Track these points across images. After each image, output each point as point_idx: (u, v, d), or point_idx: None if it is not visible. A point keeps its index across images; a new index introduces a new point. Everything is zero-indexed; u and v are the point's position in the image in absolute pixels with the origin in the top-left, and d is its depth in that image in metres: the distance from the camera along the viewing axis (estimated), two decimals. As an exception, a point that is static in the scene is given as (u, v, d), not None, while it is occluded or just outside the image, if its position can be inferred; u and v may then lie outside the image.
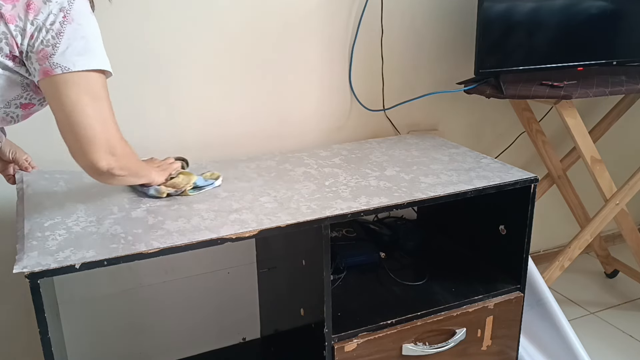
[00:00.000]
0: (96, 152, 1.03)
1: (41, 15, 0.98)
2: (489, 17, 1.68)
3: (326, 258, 1.22)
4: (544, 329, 1.66)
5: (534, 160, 2.18)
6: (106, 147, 1.04)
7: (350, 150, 1.66)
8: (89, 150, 1.03)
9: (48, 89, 1.01)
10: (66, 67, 0.99)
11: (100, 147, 1.04)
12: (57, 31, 0.98)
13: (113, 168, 1.07)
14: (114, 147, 1.06)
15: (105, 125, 1.04)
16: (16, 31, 0.98)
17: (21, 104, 1.09)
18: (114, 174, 1.08)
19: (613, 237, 2.52)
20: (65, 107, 1.01)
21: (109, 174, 1.08)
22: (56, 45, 0.98)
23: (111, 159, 1.06)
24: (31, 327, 1.09)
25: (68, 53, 0.99)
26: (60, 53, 0.99)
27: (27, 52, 0.99)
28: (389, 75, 1.84)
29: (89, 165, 1.05)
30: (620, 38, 1.86)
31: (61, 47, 0.99)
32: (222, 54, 1.62)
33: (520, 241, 1.45)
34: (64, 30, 0.99)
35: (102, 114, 1.04)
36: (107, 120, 1.05)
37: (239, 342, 1.81)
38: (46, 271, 0.99)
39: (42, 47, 0.98)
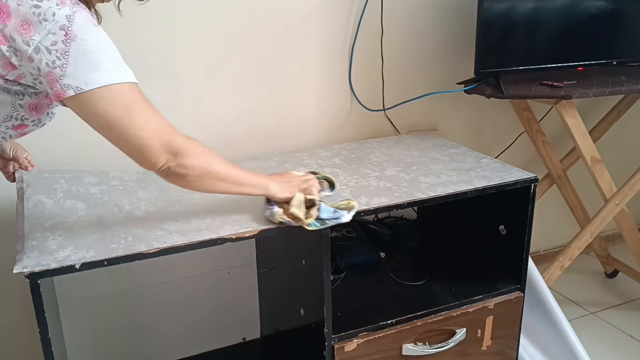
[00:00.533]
0: (152, 157, 1.01)
1: (37, 36, 0.92)
2: (489, 17, 1.68)
3: (326, 258, 1.22)
4: (544, 329, 1.66)
5: (534, 160, 2.18)
6: (161, 147, 1.01)
7: (350, 150, 1.66)
8: (145, 157, 1.01)
9: (75, 110, 0.98)
10: (78, 88, 0.94)
11: (154, 149, 1.00)
12: (61, 51, 0.92)
13: (173, 166, 1.02)
14: (169, 143, 1.01)
15: (151, 128, 1.00)
16: (9, 52, 0.93)
17: (13, 126, 1.04)
18: (178, 173, 1.03)
19: (613, 237, 2.52)
20: (102, 125, 0.98)
21: (174, 174, 1.04)
22: (64, 67, 0.93)
23: (169, 157, 1.02)
24: (31, 327, 1.09)
25: (78, 72, 0.94)
26: (69, 74, 0.93)
27: (35, 75, 0.95)
28: (389, 75, 1.84)
29: (154, 170, 1.03)
30: (620, 38, 1.86)
31: (69, 67, 0.93)
32: (222, 54, 1.62)
33: (520, 241, 1.45)
34: (69, 50, 0.93)
35: (142, 119, 0.99)
36: (151, 122, 1.00)
37: (239, 342, 1.81)
38: (46, 271, 0.99)
39: (48, 69, 0.93)
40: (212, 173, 1.08)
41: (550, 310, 1.64)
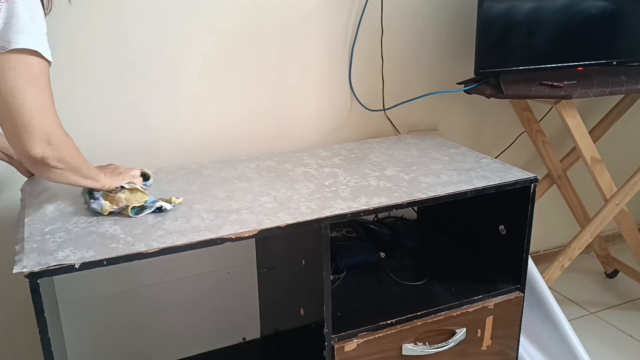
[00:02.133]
0: (31, 139, 0.99)
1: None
2: (489, 17, 1.68)
3: (326, 258, 1.22)
4: (544, 329, 1.66)
5: (534, 160, 2.18)
6: (42, 135, 1.00)
7: (350, 150, 1.66)
8: (24, 137, 0.99)
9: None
10: (2, 47, 0.94)
11: (36, 135, 0.99)
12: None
13: (48, 158, 1.02)
14: (50, 135, 1.01)
15: (43, 113, 1.00)
16: None
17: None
18: (49, 164, 1.04)
19: (613, 237, 2.52)
20: (1, 92, 0.96)
21: (43, 164, 1.03)
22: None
23: (46, 147, 1.01)
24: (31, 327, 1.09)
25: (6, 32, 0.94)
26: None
27: None
28: (389, 75, 1.84)
29: (24, 153, 1.01)
30: (620, 38, 1.86)
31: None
32: (223, 55, 1.62)
33: (520, 241, 1.45)
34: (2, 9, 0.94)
35: (41, 102, 1.00)
36: (45, 108, 1.01)
37: (239, 342, 1.81)
38: (46, 271, 0.99)
39: None
40: (73, 167, 1.10)
41: (550, 310, 1.64)
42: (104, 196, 1.21)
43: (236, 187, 1.37)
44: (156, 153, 1.61)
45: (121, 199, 1.21)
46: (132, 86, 1.54)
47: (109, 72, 1.51)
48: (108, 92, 1.53)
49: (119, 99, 1.54)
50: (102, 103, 1.52)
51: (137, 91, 1.55)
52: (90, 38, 1.47)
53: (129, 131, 1.57)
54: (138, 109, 1.57)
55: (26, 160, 1.03)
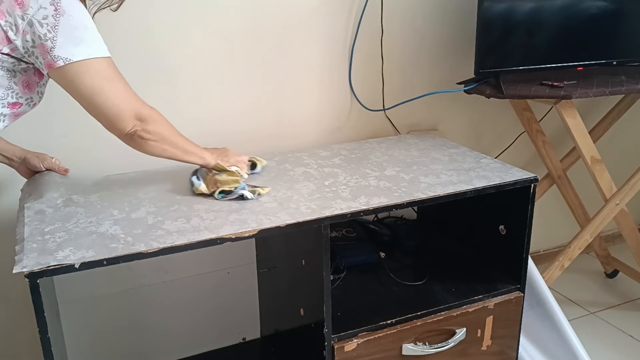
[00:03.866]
0: (123, 122, 1.13)
1: (31, 10, 1.02)
2: (489, 17, 1.68)
3: (326, 258, 1.22)
4: (544, 329, 1.66)
5: (534, 160, 2.18)
6: (131, 114, 1.14)
7: (350, 150, 1.66)
8: (118, 123, 1.13)
9: (61, 80, 1.09)
10: (67, 59, 1.05)
11: (126, 116, 1.13)
12: (51, 25, 1.03)
13: (139, 131, 1.15)
14: (138, 112, 1.14)
15: (126, 99, 1.13)
16: (7, 26, 1.03)
17: (9, 104, 1.12)
18: (142, 136, 1.16)
19: (613, 237, 2.52)
20: (84, 94, 1.09)
21: (138, 137, 1.16)
22: (54, 39, 1.04)
23: (137, 122, 1.15)
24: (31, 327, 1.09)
25: (66, 45, 1.05)
26: (59, 46, 1.04)
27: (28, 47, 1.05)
28: (389, 75, 1.84)
29: (121, 135, 1.15)
30: (620, 38, 1.86)
31: (59, 40, 1.04)
32: (223, 55, 1.62)
33: (520, 241, 1.45)
34: (58, 24, 1.04)
35: (120, 91, 1.12)
36: (125, 94, 1.13)
37: (239, 342, 1.81)
38: (46, 271, 0.99)
39: (40, 41, 1.04)
40: (167, 139, 1.22)
41: (550, 310, 1.64)
42: (204, 176, 1.30)
43: (236, 187, 1.37)
44: (156, 153, 1.61)
45: (218, 181, 1.28)
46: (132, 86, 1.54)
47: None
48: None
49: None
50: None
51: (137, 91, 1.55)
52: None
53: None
54: (138, 109, 1.57)
55: (125, 140, 1.17)
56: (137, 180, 1.42)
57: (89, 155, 1.53)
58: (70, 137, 1.51)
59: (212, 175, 1.30)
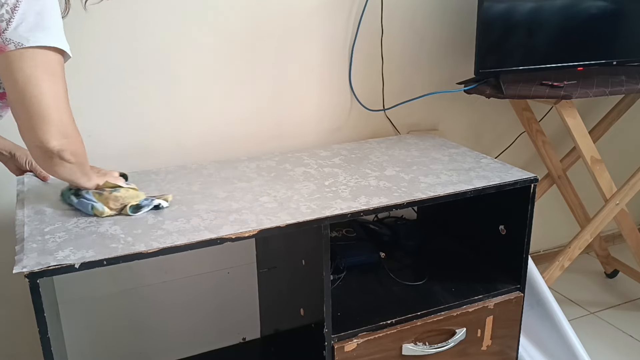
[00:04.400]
0: (48, 131, 0.98)
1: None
2: (489, 17, 1.68)
3: (326, 258, 1.22)
4: (544, 329, 1.66)
5: (534, 160, 2.18)
6: (59, 127, 1.00)
7: (350, 150, 1.66)
8: (42, 128, 0.98)
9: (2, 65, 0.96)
10: (19, 43, 0.94)
11: (54, 126, 0.99)
12: (12, 5, 0.93)
13: (64, 151, 1.02)
14: (66, 128, 1.01)
15: (60, 105, 1.00)
16: None
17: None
18: (63, 157, 1.03)
19: (613, 237, 2.52)
20: (18, 82, 0.96)
21: (58, 158, 1.03)
22: (10, 21, 0.93)
23: (63, 140, 1.01)
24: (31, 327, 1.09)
25: (22, 28, 0.94)
26: (13, 28, 0.94)
27: None
28: (389, 75, 1.84)
29: (39, 145, 1.00)
30: (620, 38, 1.86)
31: (15, 22, 0.94)
32: (223, 55, 1.62)
33: (520, 241, 1.45)
34: (19, 5, 0.94)
35: (58, 93, 0.99)
36: (61, 100, 1.00)
37: (239, 342, 1.81)
38: (46, 271, 0.99)
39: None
40: (81, 164, 1.11)
41: (550, 310, 1.64)
42: (96, 197, 1.19)
43: (236, 187, 1.37)
44: (156, 153, 1.61)
45: (118, 197, 1.19)
46: (132, 86, 1.54)
47: (110, 73, 1.51)
48: (108, 92, 1.53)
49: (119, 99, 1.54)
50: (103, 103, 1.52)
51: (137, 91, 1.55)
52: (91, 39, 1.47)
53: (129, 131, 1.57)
54: (138, 109, 1.57)
55: (40, 153, 1.02)
56: (136, 181, 1.42)
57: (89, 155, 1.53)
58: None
59: (108, 193, 1.19)
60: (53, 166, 1.05)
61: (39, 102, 0.97)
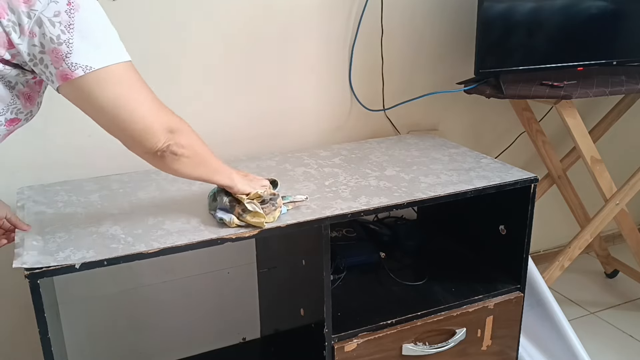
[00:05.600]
0: (154, 137, 0.95)
1: (39, 5, 0.81)
2: (489, 17, 1.68)
3: (326, 258, 1.22)
4: (544, 329, 1.66)
5: (534, 160, 2.18)
6: (162, 127, 0.97)
7: (350, 150, 1.66)
8: (147, 138, 0.95)
9: (76, 94, 0.89)
10: (88, 67, 0.86)
11: (157, 130, 0.96)
12: (66, 24, 0.83)
13: (172, 145, 0.98)
14: (170, 124, 0.98)
15: (154, 109, 0.96)
16: (9, 27, 0.82)
17: (6, 120, 0.93)
18: (175, 152, 0.99)
19: (613, 237, 2.52)
20: (107, 109, 0.90)
21: (170, 153, 0.98)
22: (70, 42, 0.83)
23: (169, 135, 0.97)
24: (31, 327, 1.09)
25: (84, 48, 0.85)
26: (76, 50, 0.84)
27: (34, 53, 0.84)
28: (389, 75, 1.84)
29: (150, 152, 0.97)
30: (620, 38, 1.86)
31: (75, 42, 0.84)
32: (223, 54, 1.62)
33: (520, 241, 1.45)
34: (73, 22, 0.83)
35: (146, 99, 0.95)
36: (153, 103, 0.96)
37: (239, 342, 1.81)
38: (46, 271, 0.99)
39: (53, 45, 0.83)
40: (200, 155, 1.05)
41: (550, 310, 1.64)
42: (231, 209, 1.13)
43: (236, 187, 1.37)
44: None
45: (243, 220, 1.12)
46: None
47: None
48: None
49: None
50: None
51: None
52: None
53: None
54: (138, 109, 1.57)
55: (152, 159, 0.99)
56: (137, 180, 1.42)
57: (89, 155, 1.53)
58: (71, 137, 1.51)
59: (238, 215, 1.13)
60: (171, 164, 1.01)
61: (134, 119, 0.93)
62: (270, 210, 1.15)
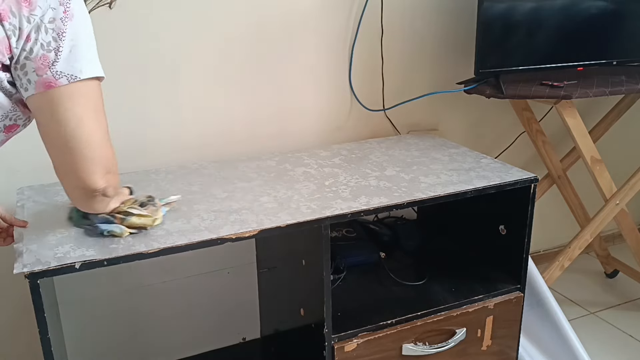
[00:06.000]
0: (94, 172, 0.90)
1: (39, 10, 0.80)
2: (489, 17, 1.68)
3: (326, 258, 1.22)
4: (544, 329, 1.66)
5: (534, 160, 2.18)
6: (104, 164, 0.92)
7: (350, 150, 1.66)
8: (87, 169, 0.89)
9: (46, 104, 0.84)
10: (73, 76, 0.83)
11: (99, 166, 0.90)
12: (58, 31, 0.81)
13: (108, 187, 0.94)
14: (110, 163, 0.93)
15: (105, 141, 0.91)
16: (10, 30, 0.79)
17: (5, 127, 0.91)
18: (107, 194, 0.95)
19: (613, 237, 2.52)
20: (68, 124, 0.85)
21: (101, 195, 0.94)
22: (59, 50, 0.81)
23: (108, 176, 0.93)
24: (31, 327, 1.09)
25: (72, 58, 0.83)
26: (64, 59, 0.82)
27: (20, 57, 0.81)
28: (389, 75, 1.84)
29: (82, 186, 0.91)
30: (620, 38, 1.86)
31: (64, 51, 0.82)
32: (223, 54, 1.62)
33: (520, 241, 1.45)
34: (66, 30, 0.82)
35: (103, 129, 0.91)
36: (106, 135, 0.92)
37: (239, 342, 1.81)
38: (46, 271, 0.99)
39: (42, 52, 0.81)
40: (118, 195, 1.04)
41: (550, 310, 1.64)
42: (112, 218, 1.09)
43: (236, 187, 1.37)
44: (156, 153, 1.61)
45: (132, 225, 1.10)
46: (132, 86, 1.54)
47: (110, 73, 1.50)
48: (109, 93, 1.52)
49: (120, 100, 1.54)
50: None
51: (137, 91, 1.55)
52: (90, 38, 1.47)
53: (129, 131, 1.57)
54: (138, 109, 1.57)
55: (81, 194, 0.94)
56: (136, 181, 1.42)
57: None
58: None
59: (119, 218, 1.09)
60: (94, 204, 0.98)
61: (89, 144, 0.88)
62: (152, 211, 1.13)
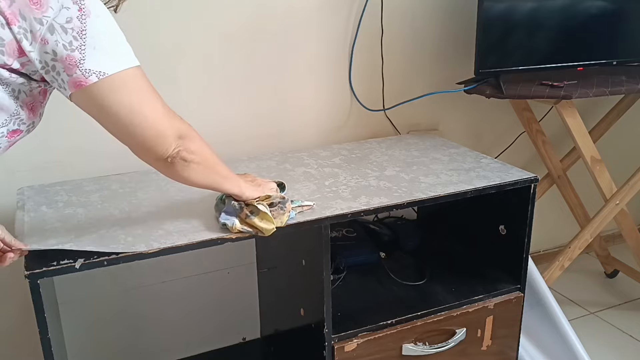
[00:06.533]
0: (165, 143, 0.95)
1: (51, 11, 0.81)
2: (489, 17, 1.68)
3: (326, 258, 1.22)
4: (544, 329, 1.66)
5: (534, 160, 2.18)
6: (173, 133, 0.96)
7: (350, 150, 1.66)
8: (158, 144, 0.95)
9: (90, 102, 0.88)
10: (102, 73, 0.86)
11: (169, 136, 0.95)
12: (78, 30, 0.83)
13: (182, 151, 0.97)
14: (179, 130, 0.97)
15: (165, 114, 0.96)
16: (20, 34, 0.81)
17: (8, 132, 0.91)
18: (185, 158, 0.98)
19: (613, 237, 2.52)
20: (121, 115, 0.90)
21: (180, 161, 0.98)
22: (82, 48, 0.83)
23: (179, 141, 0.97)
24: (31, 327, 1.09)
25: (97, 54, 0.85)
26: (89, 56, 0.84)
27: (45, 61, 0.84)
28: (389, 75, 1.84)
29: (160, 159, 0.97)
30: (620, 38, 1.86)
31: (88, 48, 0.84)
32: (223, 54, 1.62)
33: (520, 241, 1.45)
34: (85, 27, 0.83)
35: (158, 105, 0.95)
36: (164, 109, 0.96)
37: (239, 342, 1.81)
38: (46, 271, 0.99)
39: (66, 52, 0.83)
40: (209, 161, 1.05)
41: (550, 310, 1.64)
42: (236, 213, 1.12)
43: (236, 187, 1.37)
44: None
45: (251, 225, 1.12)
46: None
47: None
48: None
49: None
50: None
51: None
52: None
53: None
54: (138, 109, 1.57)
55: (162, 165, 0.99)
56: (137, 180, 1.42)
57: (89, 155, 1.53)
58: (70, 137, 1.51)
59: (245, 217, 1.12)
60: (181, 173, 1.01)
61: (147, 124, 0.92)
62: (279, 214, 1.14)
